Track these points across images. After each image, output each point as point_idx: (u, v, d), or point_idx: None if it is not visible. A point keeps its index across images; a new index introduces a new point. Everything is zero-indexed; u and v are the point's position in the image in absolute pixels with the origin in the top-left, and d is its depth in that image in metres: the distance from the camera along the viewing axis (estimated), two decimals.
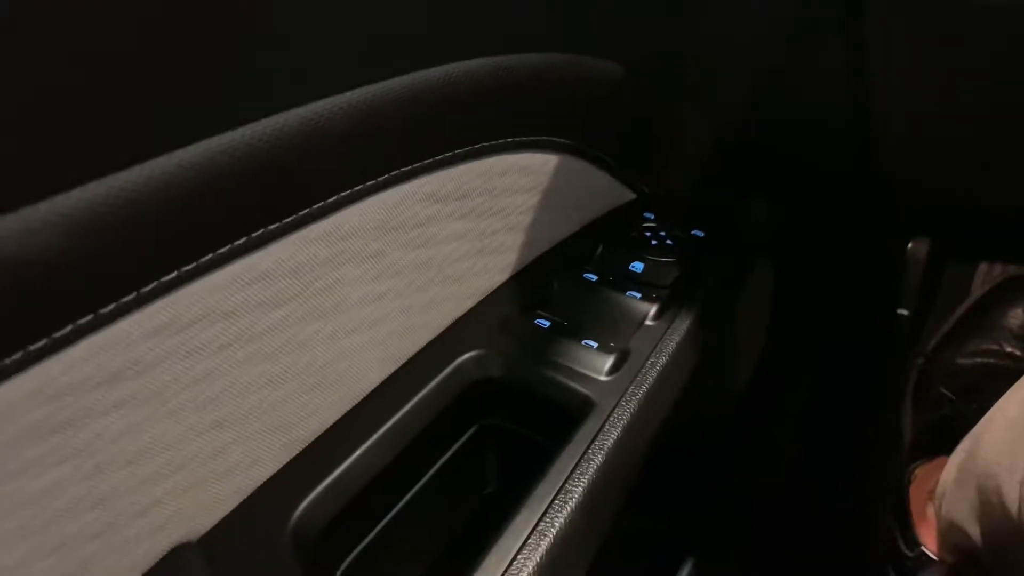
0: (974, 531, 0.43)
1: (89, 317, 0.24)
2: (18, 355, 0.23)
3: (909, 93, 0.41)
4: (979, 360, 0.66)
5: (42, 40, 0.22)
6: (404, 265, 0.37)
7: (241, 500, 0.32)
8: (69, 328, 0.24)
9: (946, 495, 0.48)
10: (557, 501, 0.33)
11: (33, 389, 0.23)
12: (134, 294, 0.25)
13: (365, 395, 0.37)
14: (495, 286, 0.44)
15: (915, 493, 0.58)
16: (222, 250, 0.28)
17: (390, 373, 0.39)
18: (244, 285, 0.29)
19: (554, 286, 0.45)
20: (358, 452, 0.35)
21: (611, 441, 0.36)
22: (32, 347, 0.23)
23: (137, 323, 0.26)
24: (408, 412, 0.38)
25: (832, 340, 0.72)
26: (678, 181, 0.56)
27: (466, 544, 0.43)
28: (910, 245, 0.69)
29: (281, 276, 0.31)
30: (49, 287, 0.23)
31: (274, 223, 0.29)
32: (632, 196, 0.53)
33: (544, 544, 0.31)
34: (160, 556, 0.30)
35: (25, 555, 0.25)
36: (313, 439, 0.35)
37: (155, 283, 0.26)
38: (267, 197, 0.29)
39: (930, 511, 0.54)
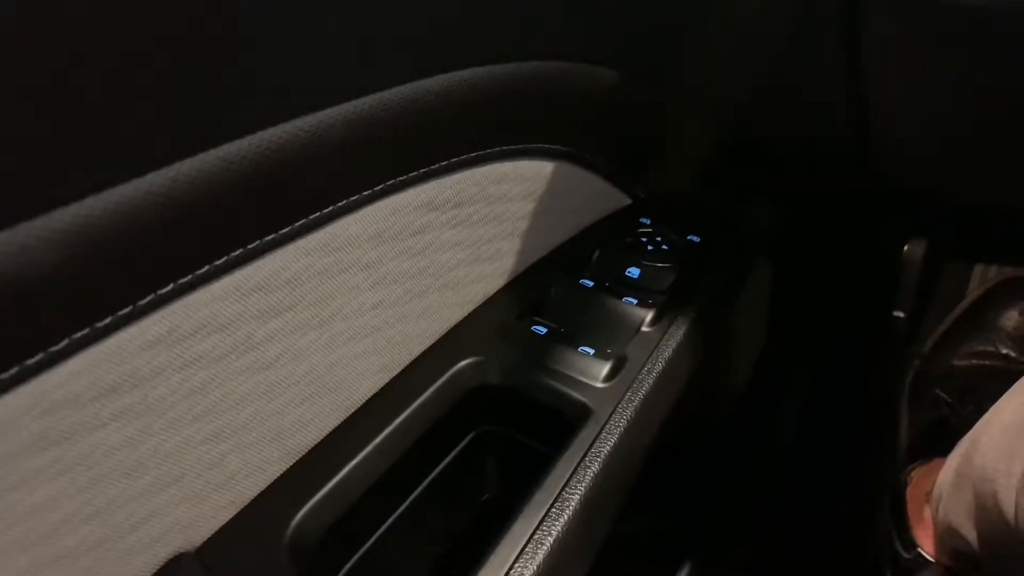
0: (971, 535, 0.43)
1: (85, 331, 0.24)
2: (14, 370, 0.23)
3: (908, 94, 0.41)
4: (975, 362, 0.66)
5: (39, 54, 0.22)
6: (401, 273, 0.37)
7: (239, 509, 0.32)
8: (65, 342, 0.24)
9: (943, 499, 0.48)
10: (554, 509, 0.33)
11: (29, 403, 0.23)
12: (130, 307, 0.25)
13: (362, 403, 0.37)
14: (491, 293, 0.44)
15: (912, 495, 0.58)
16: (219, 262, 0.28)
17: (387, 381, 0.39)
18: (241, 296, 0.29)
19: (551, 292, 0.45)
20: (356, 460, 0.35)
21: (608, 448, 0.36)
22: (28, 361, 0.23)
23: (134, 336, 0.26)
24: (405, 419, 0.38)
25: (829, 341, 0.72)
26: (676, 183, 0.56)
27: (464, 551, 0.43)
28: (906, 247, 0.69)
29: (278, 287, 0.31)
30: (45, 301, 0.23)
31: (270, 234, 0.29)
32: (628, 201, 0.53)
33: (541, 553, 0.31)
34: (158, 567, 0.30)
35: (23, 568, 0.25)
36: (311, 448, 0.35)
37: (152, 295, 0.26)
38: (263, 208, 0.29)
39: (927, 513, 0.54)
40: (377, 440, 0.36)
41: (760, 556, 0.60)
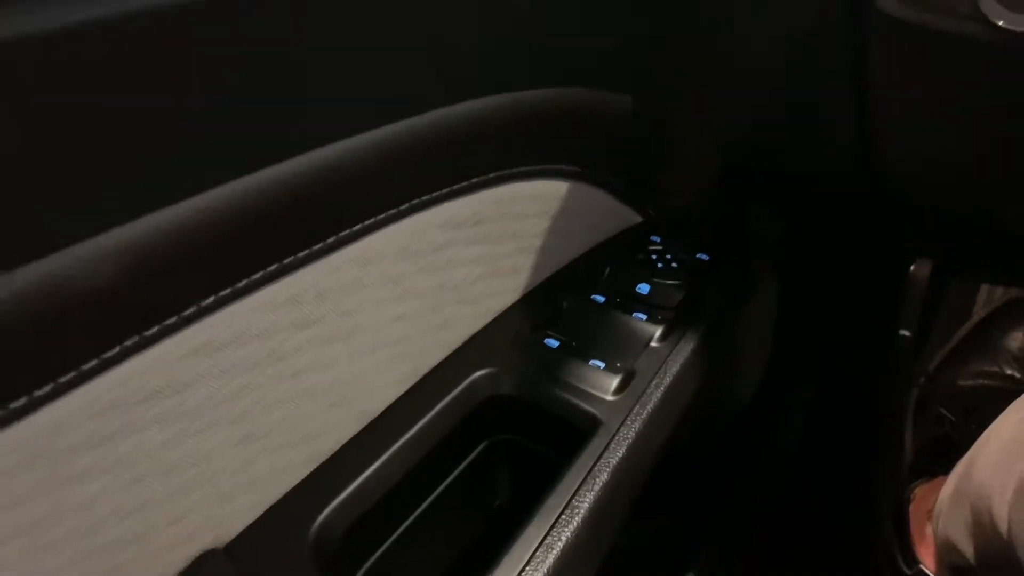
0: (968, 549, 0.44)
1: (135, 338, 0.26)
2: (72, 374, 0.25)
3: (911, 116, 0.42)
4: (979, 381, 0.67)
5: (95, 84, 0.24)
6: (422, 288, 0.39)
7: (265, 509, 0.34)
8: (117, 349, 0.26)
9: (942, 514, 0.49)
10: (564, 516, 0.34)
11: (83, 405, 0.25)
12: (176, 317, 0.27)
13: (383, 410, 0.39)
14: (507, 307, 0.46)
15: (914, 512, 0.59)
16: (256, 276, 0.30)
17: (406, 390, 0.40)
18: (275, 308, 0.31)
19: (563, 307, 0.47)
20: (376, 465, 0.37)
21: (616, 459, 0.37)
22: (85, 366, 0.25)
23: (178, 344, 0.28)
24: (423, 427, 0.39)
25: (835, 359, 0.73)
26: (684, 200, 0.57)
27: (477, 554, 0.44)
28: (913, 266, 0.70)
29: (309, 300, 0.33)
30: (102, 311, 0.25)
31: (304, 250, 0.31)
32: (639, 219, 0.55)
33: (552, 556, 0.33)
34: (189, 561, 0.31)
35: (69, 559, 0.27)
36: (333, 452, 0.37)
37: (195, 307, 0.28)
38: (298, 225, 0.31)
39: (929, 529, 0.55)
40: (396, 446, 0.38)
41: (761, 570, 0.61)
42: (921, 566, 0.55)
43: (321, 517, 0.34)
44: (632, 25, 0.44)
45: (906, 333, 0.72)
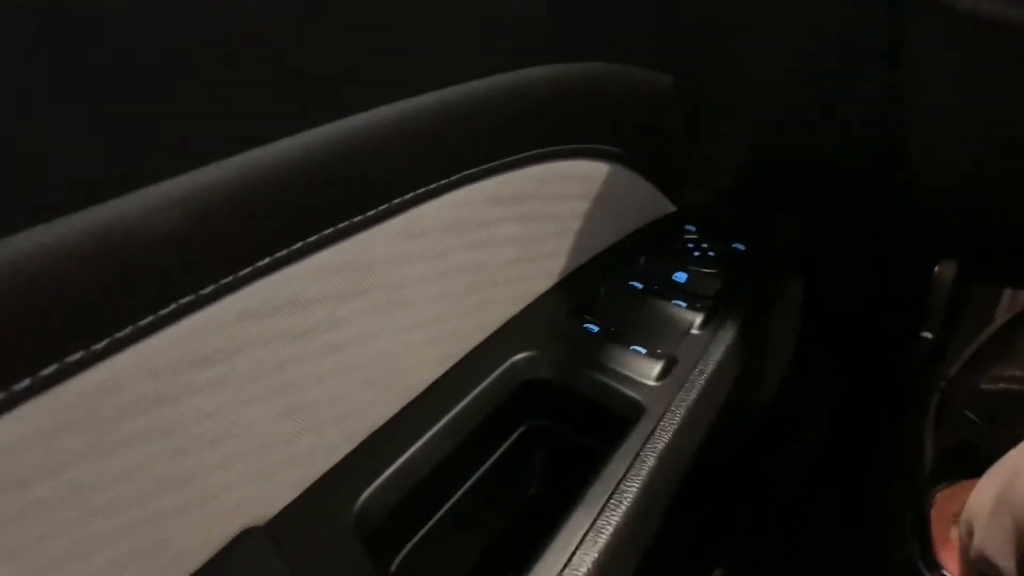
0: (1008, 563, 0.43)
1: (191, 297, 0.25)
2: (128, 330, 0.23)
3: (943, 117, 0.42)
4: (1002, 385, 0.67)
5: (162, 40, 0.23)
6: (465, 265, 0.38)
7: (307, 487, 0.33)
8: (173, 306, 0.25)
9: (978, 525, 0.48)
10: (613, 500, 0.34)
11: (138, 364, 0.24)
12: (231, 277, 0.26)
13: (423, 390, 0.38)
14: (543, 290, 0.45)
15: (937, 516, 0.58)
16: (310, 239, 0.29)
17: (446, 370, 0.39)
18: (325, 275, 0.30)
19: (600, 293, 0.46)
20: (415, 447, 0.36)
21: (662, 445, 0.36)
22: (141, 323, 0.24)
23: (229, 307, 0.27)
24: (462, 410, 0.38)
25: (857, 359, 0.73)
26: (717, 195, 0.57)
27: (514, 540, 0.43)
28: (937, 268, 0.70)
29: (357, 269, 0.32)
30: (161, 265, 0.24)
31: (357, 216, 0.30)
32: (673, 208, 0.54)
33: (602, 540, 0.32)
34: (231, 537, 0.30)
35: (114, 528, 0.26)
36: (373, 431, 0.36)
37: (250, 268, 0.27)
38: (351, 191, 0.30)
39: (953, 534, 0.54)
40: (436, 428, 0.37)
41: (781, 571, 0.60)
42: (943, 571, 0.54)
43: (363, 497, 0.33)
44: (672, 5, 0.43)
45: (928, 335, 0.71)
